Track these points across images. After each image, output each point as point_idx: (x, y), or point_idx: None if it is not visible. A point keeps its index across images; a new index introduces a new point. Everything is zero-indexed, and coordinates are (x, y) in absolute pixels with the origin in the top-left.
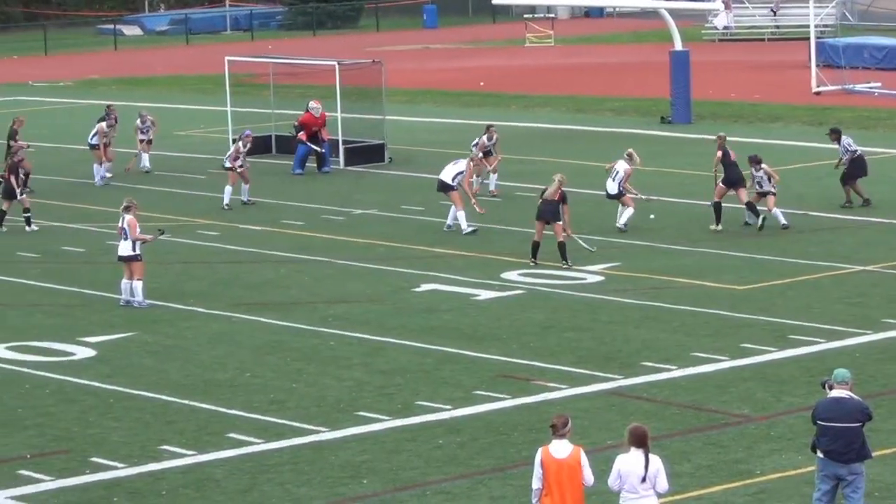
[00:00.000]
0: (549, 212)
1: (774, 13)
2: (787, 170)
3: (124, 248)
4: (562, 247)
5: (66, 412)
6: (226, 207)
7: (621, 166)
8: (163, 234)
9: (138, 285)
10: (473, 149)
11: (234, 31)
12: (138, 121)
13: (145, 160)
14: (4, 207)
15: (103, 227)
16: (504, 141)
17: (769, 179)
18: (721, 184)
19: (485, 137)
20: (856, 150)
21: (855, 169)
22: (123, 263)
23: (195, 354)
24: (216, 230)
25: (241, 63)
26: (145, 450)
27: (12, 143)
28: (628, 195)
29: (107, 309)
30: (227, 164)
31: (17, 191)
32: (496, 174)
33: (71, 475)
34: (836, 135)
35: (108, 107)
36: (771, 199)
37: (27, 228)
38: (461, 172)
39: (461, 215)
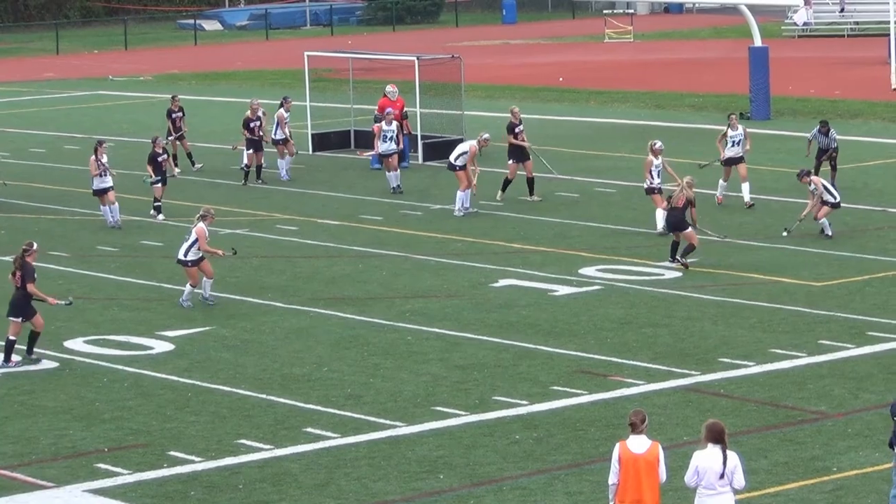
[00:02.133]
0: (674, 222)
1: (842, 10)
2: (866, 166)
3: (181, 253)
4: (689, 249)
5: (144, 406)
6: (286, 177)
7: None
8: (235, 253)
9: (208, 283)
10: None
11: (313, 26)
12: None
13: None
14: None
15: (182, 222)
16: (582, 137)
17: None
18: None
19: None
20: None
21: None
22: (182, 267)
23: (272, 349)
24: (295, 224)
25: (320, 58)
26: (222, 444)
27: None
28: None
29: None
30: (279, 136)
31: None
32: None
33: (148, 469)
34: None
35: (284, 98)
36: (825, 209)
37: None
38: (464, 153)
39: (459, 195)
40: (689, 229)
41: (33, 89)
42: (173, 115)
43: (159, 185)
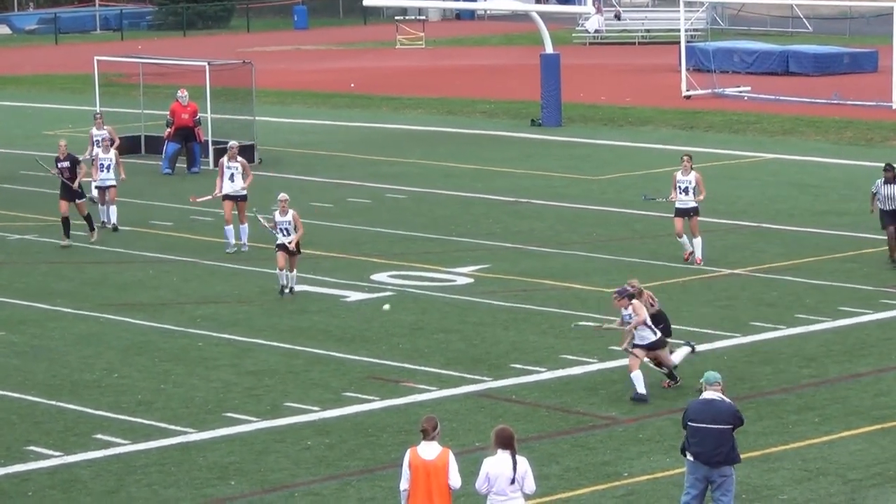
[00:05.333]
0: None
1: (619, 18)
2: (656, 173)
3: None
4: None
5: None
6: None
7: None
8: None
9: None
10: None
11: (103, 30)
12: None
13: None
14: None
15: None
16: (374, 143)
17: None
18: None
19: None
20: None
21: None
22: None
23: (62, 355)
24: (84, 230)
25: (110, 63)
26: (11, 451)
27: None
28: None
29: None
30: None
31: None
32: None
33: None
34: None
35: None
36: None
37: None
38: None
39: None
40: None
41: None
42: None
43: None
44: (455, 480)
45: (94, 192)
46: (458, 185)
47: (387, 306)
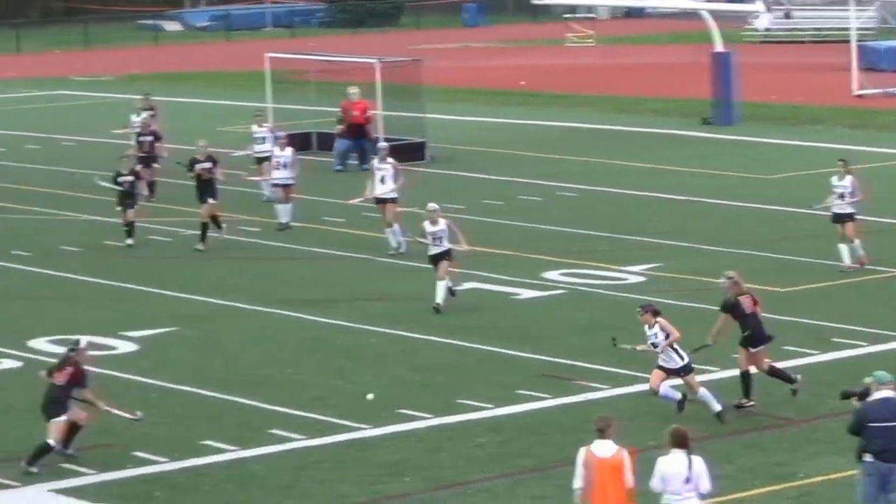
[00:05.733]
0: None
1: (788, 17)
2: (828, 172)
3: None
4: None
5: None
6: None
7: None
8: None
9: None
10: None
11: (274, 27)
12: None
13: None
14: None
15: (151, 223)
16: (545, 140)
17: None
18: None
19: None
20: None
21: None
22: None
23: (236, 350)
24: (257, 226)
25: (281, 60)
26: (187, 445)
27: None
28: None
29: (149, 303)
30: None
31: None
32: None
33: (113, 469)
34: None
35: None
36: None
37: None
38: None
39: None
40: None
41: None
42: (144, 113)
43: (129, 210)
44: (629, 479)
45: (269, 192)
46: (629, 183)
47: (370, 396)
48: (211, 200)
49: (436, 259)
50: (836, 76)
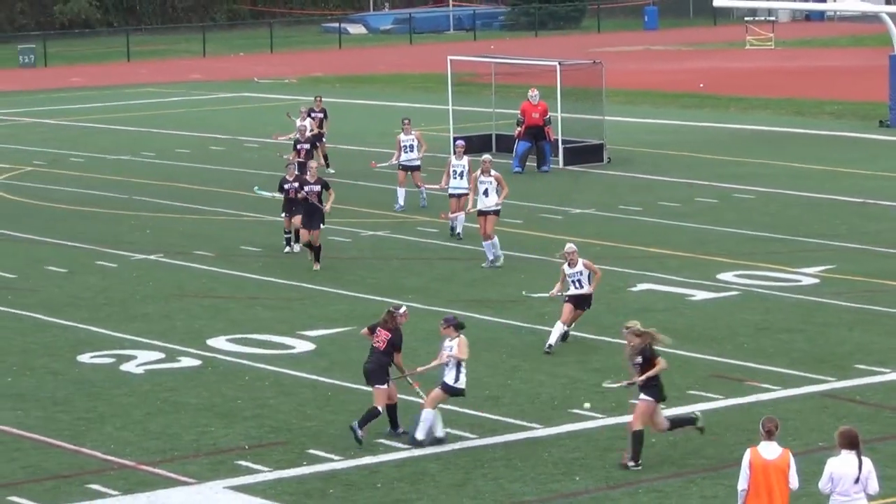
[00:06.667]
0: None
1: None
2: None
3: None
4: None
5: (284, 404)
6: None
7: None
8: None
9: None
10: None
11: (456, 30)
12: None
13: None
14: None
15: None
16: (722, 143)
17: None
18: None
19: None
20: None
21: None
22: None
23: (412, 350)
24: (435, 227)
25: (463, 62)
26: (362, 444)
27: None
28: None
29: (326, 303)
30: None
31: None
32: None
33: (288, 466)
34: None
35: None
36: None
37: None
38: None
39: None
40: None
41: (180, 90)
42: (314, 115)
43: (288, 217)
44: (794, 482)
45: (423, 199)
46: (806, 185)
47: (587, 405)
48: (317, 229)
49: (577, 301)
50: None
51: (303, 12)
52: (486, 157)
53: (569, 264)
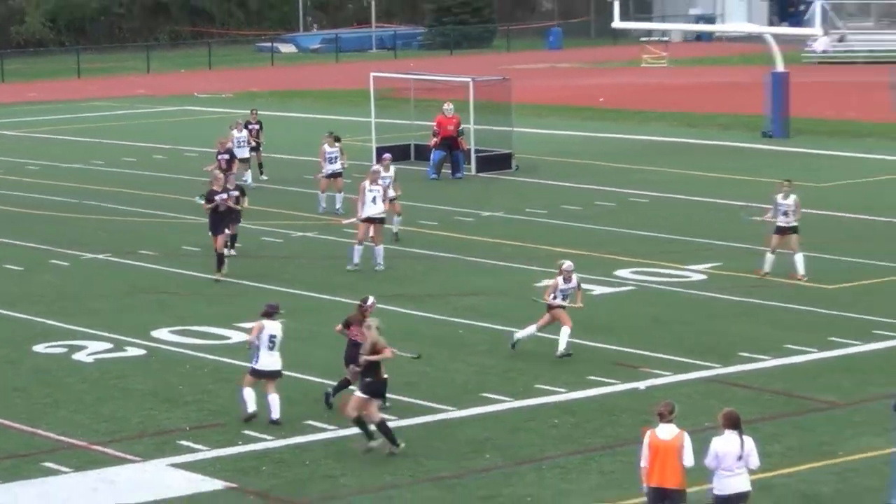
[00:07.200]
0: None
1: (843, 41)
2: (876, 181)
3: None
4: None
5: (223, 390)
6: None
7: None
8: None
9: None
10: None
11: (379, 49)
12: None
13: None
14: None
15: (257, 225)
16: (621, 152)
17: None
18: None
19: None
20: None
21: None
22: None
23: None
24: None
25: (385, 79)
26: (292, 424)
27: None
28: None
29: (261, 298)
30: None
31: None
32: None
33: (225, 446)
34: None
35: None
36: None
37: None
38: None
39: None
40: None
41: (126, 104)
42: (250, 127)
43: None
44: (689, 460)
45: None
46: (696, 190)
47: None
48: (226, 232)
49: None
50: (886, 94)
51: (238, 33)
52: (375, 167)
53: (564, 279)
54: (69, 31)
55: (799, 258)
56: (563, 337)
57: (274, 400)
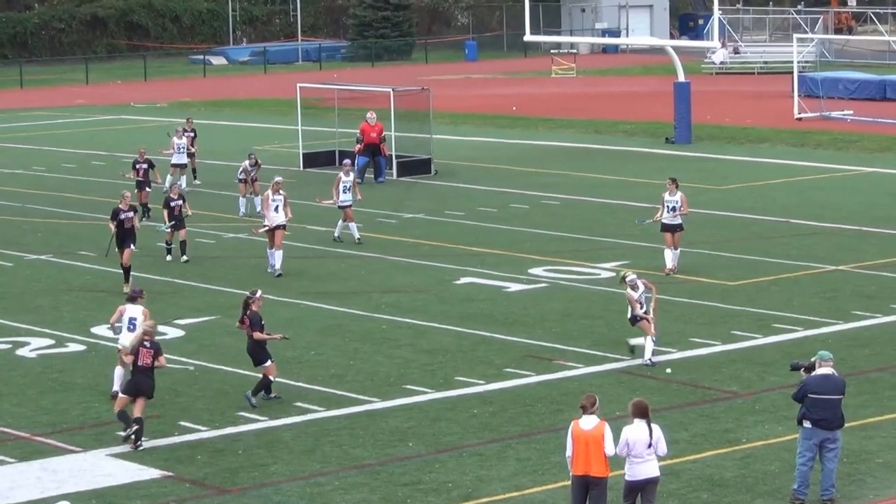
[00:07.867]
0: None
1: (738, 52)
2: (772, 184)
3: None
4: None
5: (159, 383)
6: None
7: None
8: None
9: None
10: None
11: (305, 61)
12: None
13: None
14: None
15: (195, 228)
16: (533, 157)
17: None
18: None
19: (247, 163)
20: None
21: None
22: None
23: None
24: (288, 230)
25: (310, 89)
26: (225, 415)
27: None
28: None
29: (194, 296)
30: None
31: None
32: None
33: (162, 436)
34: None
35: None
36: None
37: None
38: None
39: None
40: None
41: (66, 114)
42: (185, 134)
43: (171, 230)
44: (609, 449)
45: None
46: (603, 193)
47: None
48: (131, 247)
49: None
50: (780, 102)
51: (172, 46)
52: (278, 178)
53: (631, 288)
54: (12, 45)
55: (676, 253)
56: (648, 346)
57: (118, 372)
